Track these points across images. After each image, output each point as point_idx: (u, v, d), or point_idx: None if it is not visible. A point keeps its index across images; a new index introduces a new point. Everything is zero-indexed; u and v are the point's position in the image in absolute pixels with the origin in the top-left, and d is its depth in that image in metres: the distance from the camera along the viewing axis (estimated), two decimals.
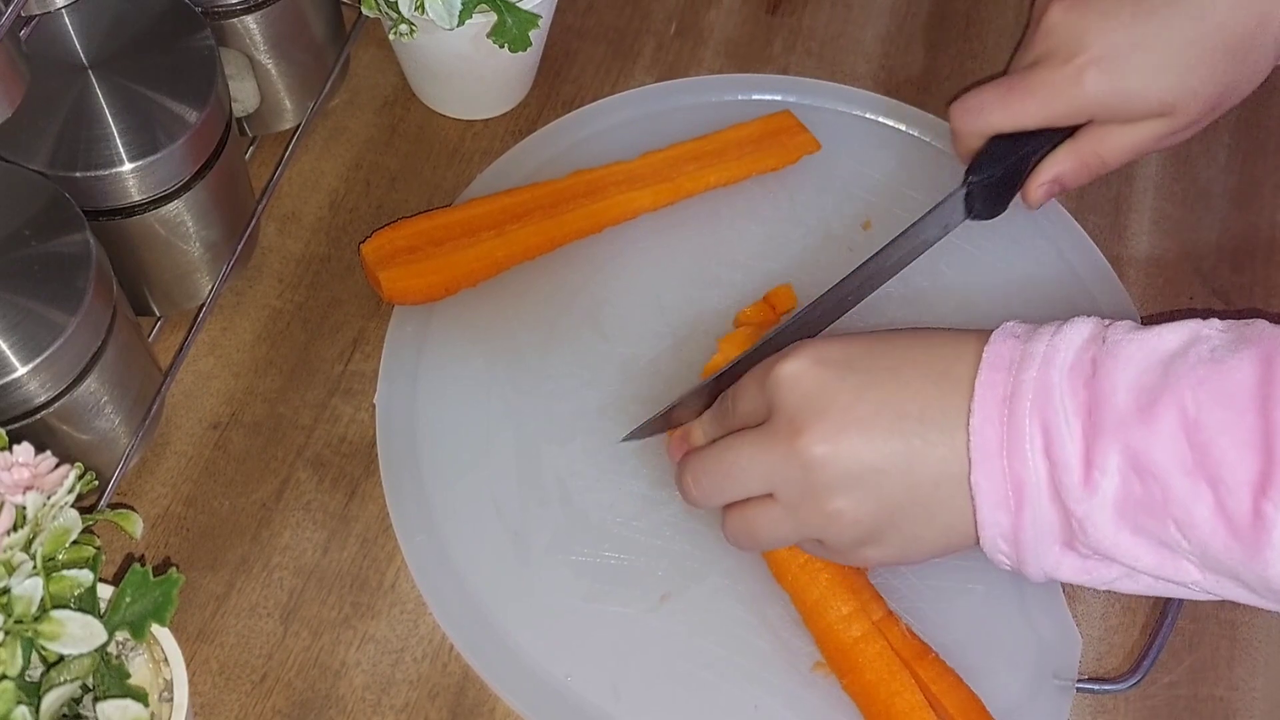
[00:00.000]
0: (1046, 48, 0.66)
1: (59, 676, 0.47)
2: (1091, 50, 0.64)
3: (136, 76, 0.62)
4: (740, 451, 0.57)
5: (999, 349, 0.54)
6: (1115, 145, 0.67)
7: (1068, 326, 0.54)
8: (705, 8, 0.85)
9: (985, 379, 0.53)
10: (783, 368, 0.57)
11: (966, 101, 0.68)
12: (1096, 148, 0.67)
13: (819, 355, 0.57)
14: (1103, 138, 0.66)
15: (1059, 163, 0.68)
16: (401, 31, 0.71)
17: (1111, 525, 0.51)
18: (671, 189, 0.74)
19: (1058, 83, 0.65)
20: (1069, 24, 0.65)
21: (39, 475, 0.48)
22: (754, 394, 0.58)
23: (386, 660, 0.63)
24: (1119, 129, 0.66)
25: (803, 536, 0.58)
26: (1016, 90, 0.66)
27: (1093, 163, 0.67)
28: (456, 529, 0.65)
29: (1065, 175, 0.68)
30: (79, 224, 0.58)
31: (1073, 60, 0.64)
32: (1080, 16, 0.65)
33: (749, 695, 0.62)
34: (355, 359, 0.71)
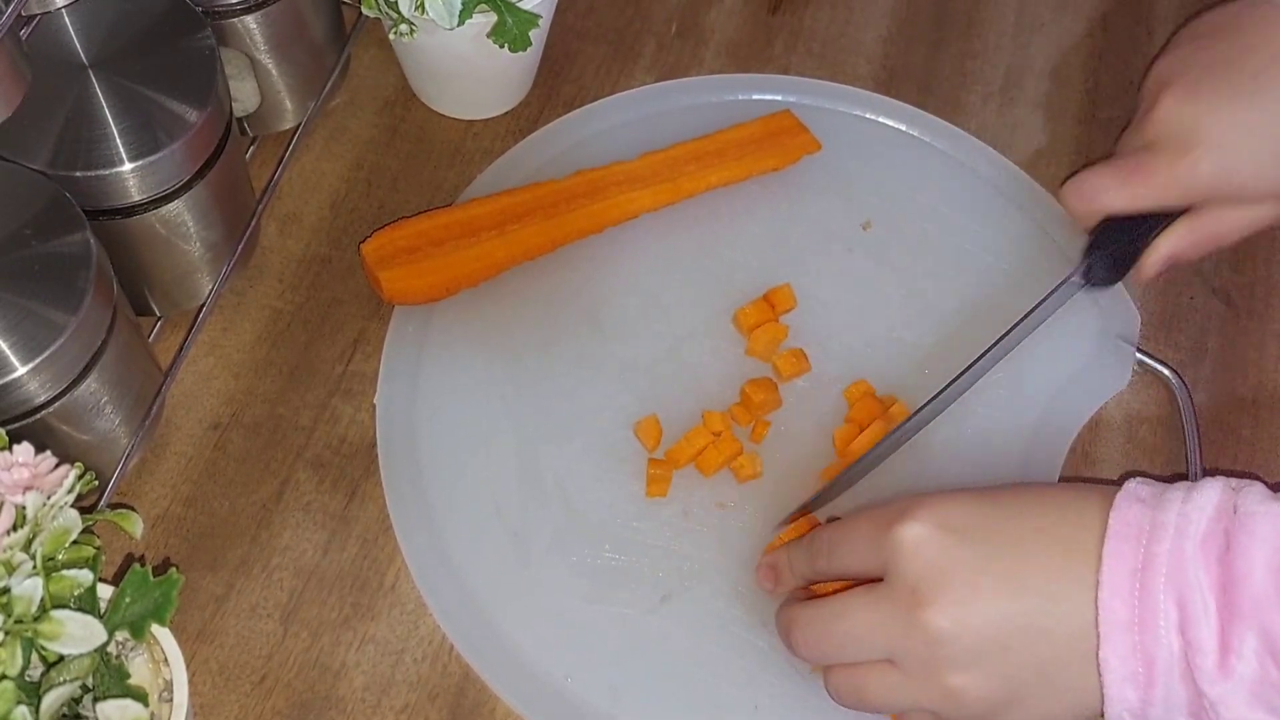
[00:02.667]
0: (1159, 135, 0.66)
1: (59, 676, 0.47)
2: (1205, 141, 0.65)
3: (137, 76, 0.62)
4: (858, 618, 0.55)
5: (1125, 516, 0.52)
6: (1232, 225, 0.67)
7: (1197, 493, 0.52)
8: (706, 8, 0.84)
9: (1113, 549, 0.51)
10: (903, 531, 0.54)
11: (1081, 185, 0.68)
12: (1214, 227, 0.67)
13: (940, 520, 0.54)
14: (1220, 217, 0.67)
15: (1176, 240, 0.68)
16: (402, 31, 0.71)
17: (1245, 707, 0.49)
18: (672, 189, 0.74)
19: (1174, 171, 0.65)
20: (1182, 114, 0.65)
21: (39, 475, 0.48)
22: (865, 549, 0.56)
23: (386, 661, 0.63)
24: (1235, 209, 0.67)
25: (918, 707, 0.55)
26: (1134, 176, 0.66)
27: (1208, 242, 0.68)
28: (456, 529, 0.65)
29: (1181, 254, 0.68)
30: (79, 224, 0.58)
31: (1188, 151, 0.65)
32: (1193, 107, 0.65)
33: (749, 695, 0.62)
34: (355, 359, 0.71)
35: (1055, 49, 0.84)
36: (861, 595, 0.55)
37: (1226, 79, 0.65)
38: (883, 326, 0.72)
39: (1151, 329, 0.73)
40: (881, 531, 0.55)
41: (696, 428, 0.67)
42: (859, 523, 0.57)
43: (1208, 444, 0.69)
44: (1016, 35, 0.84)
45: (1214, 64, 0.66)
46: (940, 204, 0.76)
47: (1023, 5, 0.85)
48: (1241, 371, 0.72)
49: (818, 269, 0.73)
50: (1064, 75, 0.82)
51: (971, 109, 0.81)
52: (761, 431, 0.68)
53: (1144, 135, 0.67)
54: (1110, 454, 0.69)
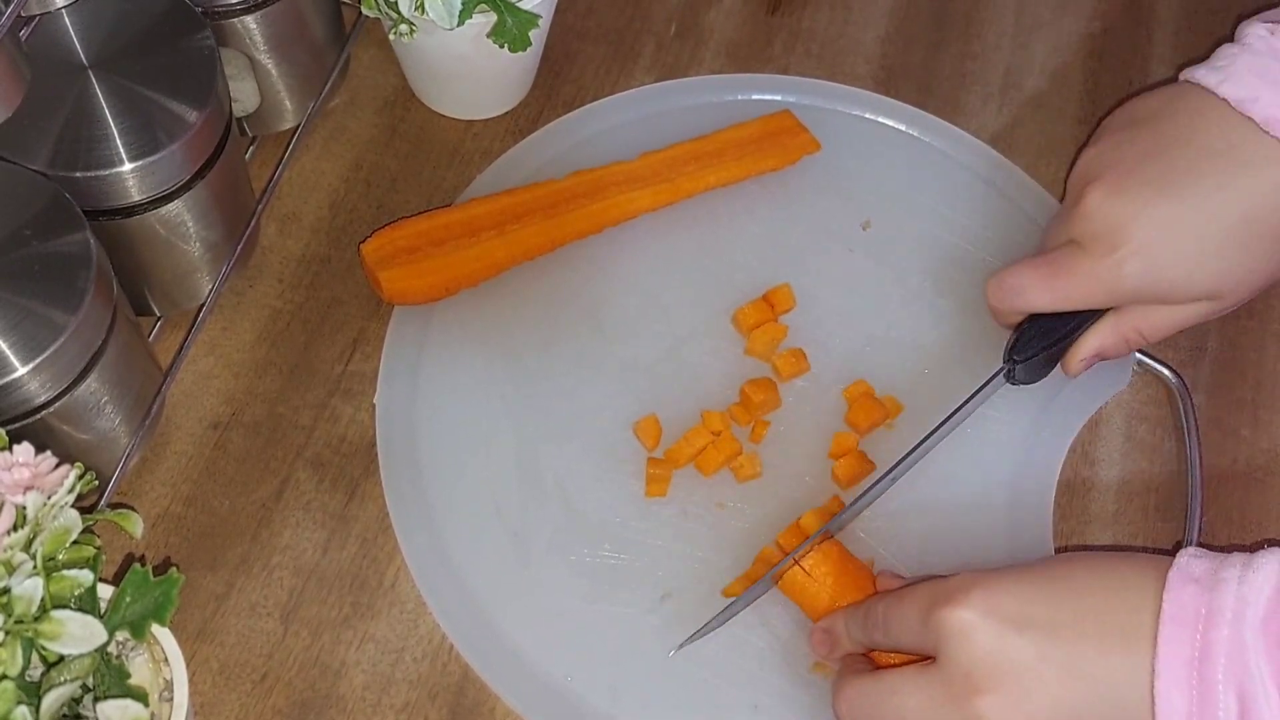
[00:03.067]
0: (1085, 231, 0.63)
1: (59, 676, 0.47)
2: (1133, 242, 0.62)
3: (136, 76, 0.62)
4: (910, 699, 0.54)
5: (1179, 599, 0.50)
6: (1158, 324, 0.65)
7: (1253, 572, 0.50)
8: (705, 8, 0.84)
9: (1168, 635, 0.50)
10: (951, 616, 0.53)
11: (1005, 281, 0.66)
12: (1139, 324, 0.65)
13: (991, 606, 0.53)
14: (1146, 315, 0.65)
15: (1100, 337, 0.66)
16: (401, 32, 0.71)
17: None
18: (671, 189, 0.74)
19: (1100, 272, 0.63)
20: (1108, 212, 0.62)
21: (39, 475, 0.48)
22: (914, 627, 0.55)
23: (386, 660, 0.63)
24: (1163, 309, 0.65)
25: None
26: (1059, 274, 0.64)
27: (1134, 339, 0.66)
28: (456, 529, 0.65)
29: (1106, 350, 0.66)
30: (79, 224, 0.58)
31: (1114, 251, 0.62)
32: (1120, 204, 0.62)
33: (748, 695, 0.62)
34: (355, 359, 0.71)
35: (1055, 49, 0.84)
36: (915, 676, 0.54)
37: (1154, 174, 0.62)
38: (882, 326, 0.72)
39: None
40: (931, 614, 0.54)
41: (696, 427, 0.67)
42: (911, 600, 0.55)
43: (1208, 444, 0.69)
44: (1016, 35, 0.84)
45: (1142, 157, 0.63)
46: (940, 204, 0.76)
47: (1023, 5, 0.85)
48: (1241, 371, 0.72)
49: (817, 269, 0.73)
50: (1064, 75, 0.83)
51: (971, 109, 0.81)
52: (761, 431, 0.68)
53: (1070, 230, 0.64)
54: (1110, 454, 0.69)
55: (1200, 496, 0.67)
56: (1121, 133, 0.65)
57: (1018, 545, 0.66)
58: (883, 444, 0.68)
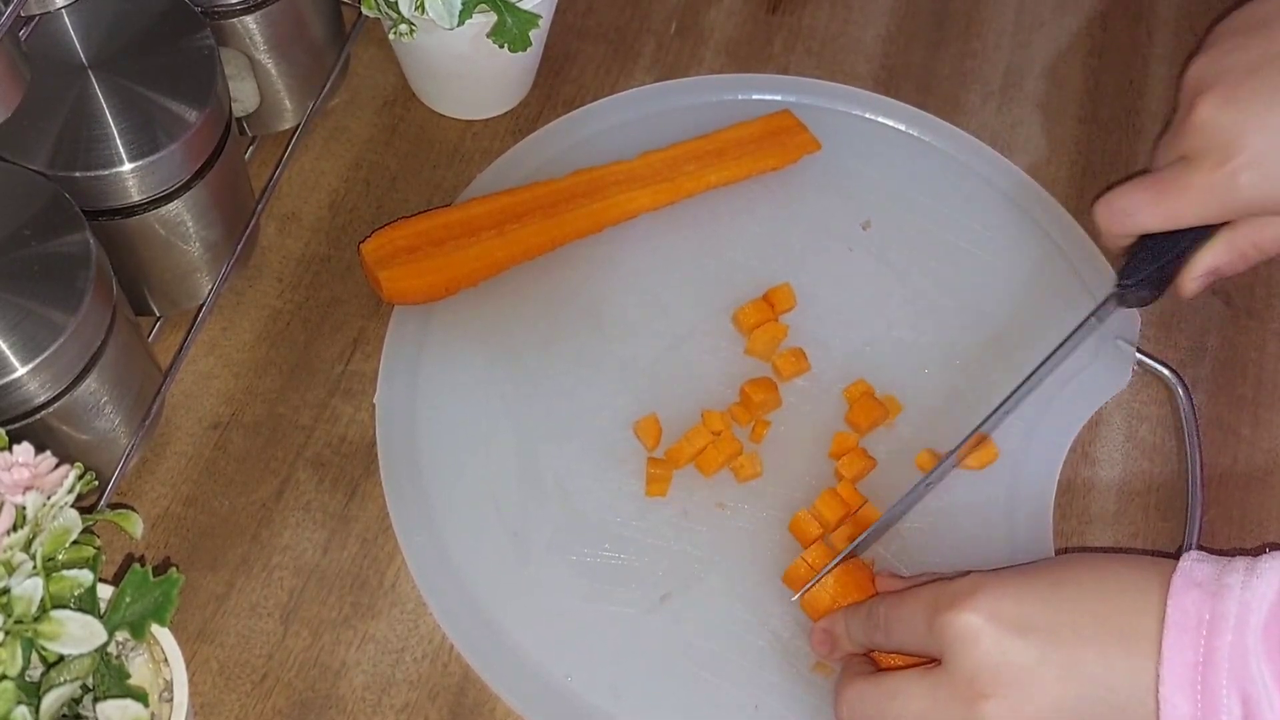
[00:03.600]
0: (1197, 144, 0.63)
1: (59, 676, 0.47)
2: (1246, 152, 0.61)
3: (136, 76, 0.62)
4: (913, 703, 0.54)
5: (1183, 604, 0.50)
6: (1275, 236, 0.64)
7: (1257, 579, 0.50)
8: (705, 8, 0.84)
9: (1173, 642, 0.50)
10: (955, 620, 0.53)
11: (1113, 203, 0.65)
12: (1255, 238, 0.64)
13: (994, 610, 0.53)
14: (1261, 228, 0.64)
15: (1216, 255, 0.65)
16: (401, 31, 0.71)
17: None
18: (671, 189, 0.74)
19: (1212, 186, 0.62)
20: (1221, 122, 0.62)
21: (39, 475, 0.48)
22: (918, 629, 0.55)
23: (386, 660, 0.63)
24: (1277, 221, 0.64)
25: None
26: (1169, 192, 0.63)
27: (1251, 254, 0.65)
28: (456, 529, 0.65)
29: (1223, 267, 0.66)
30: (79, 224, 0.58)
31: (1228, 163, 0.61)
32: (1233, 114, 0.62)
33: (749, 695, 0.62)
34: (355, 359, 0.71)
35: (1055, 49, 0.84)
36: (918, 679, 0.54)
37: (1267, 84, 0.61)
38: (882, 326, 0.72)
39: (1151, 329, 0.73)
40: (935, 617, 0.54)
41: (696, 427, 0.67)
42: (914, 603, 0.55)
43: (1208, 444, 0.69)
44: (1016, 35, 0.84)
45: (1254, 66, 0.62)
46: (940, 204, 0.76)
47: (1023, 5, 0.85)
48: (1241, 371, 0.72)
49: (818, 269, 0.73)
50: (1064, 75, 0.82)
51: (971, 109, 0.81)
52: (761, 431, 0.68)
53: (1180, 145, 0.64)
54: (1110, 454, 0.69)
55: (1200, 496, 0.67)
56: (1231, 39, 0.64)
57: (1017, 544, 0.66)
58: (882, 443, 0.68)
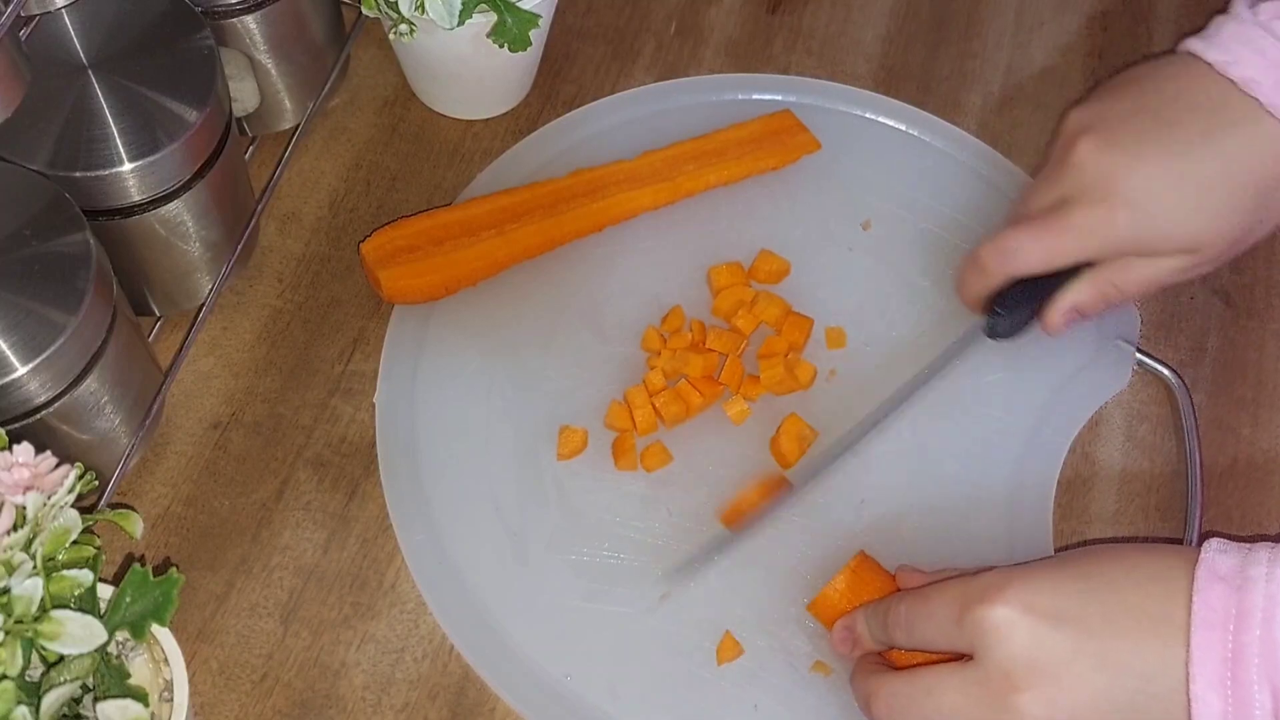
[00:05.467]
0: (1075, 186, 0.64)
1: (59, 676, 0.47)
2: (1124, 192, 0.63)
3: (136, 76, 0.62)
4: (947, 698, 0.54)
5: (1209, 599, 0.51)
6: (1136, 278, 0.66)
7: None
8: (705, 7, 0.84)
9: (1201, 639, 0.51)
10: (989, 614, 0.53)
11: (1000, 244, 0.66)
12: (1115, 279, 0.66)
13: (1027, 602, 0.53)
14: (1123, 270, 0.66)
15: (1079, 293, 0.67)
16: (401, 31, 0.71)
17: None
18: (671, 188, 0.74)
19: (1092, 225, 0.64)
20: (1099, 163, 0.64)
21: (39, 475, 0.48)
22: (949, 628, 0.55)
23: (386, 660, 0.63)
24: (1141, 262, 0.65)
25: None
26: (1051, 231, 0.65)
27: (1111, 294, 0.66)
28: (456, 529, 0.65)
29: (1084, 305, 0.67)
30: (79, 224, 0.58)
31: (1105, 201, 0.63)
32: (1111, 156, 0.64)
33: (749, 695, 0.62)
34: (355, 359, 0.71)
35: (1055, 49, 0.84)
36: (951, 674, 0.54)
37: (1143, 128, 0.64)
38: (882, 325, 0.72)
39: (1151, 329, 0.73)
40: (966, 612, 0.54)
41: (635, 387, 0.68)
42: (940, 599, 0.55)
43: (1208, 444, 0.69)
44: (1016, 35, 0.84)
45: (1132, 113, 0.65)
46: (940, 204, 0.76)
47: (1023, 5, 0.85)
48: (1241, 371, 0.72)
49: (817, 268, 0.73)
50: (1064, 75, 0.83)
51: (971, 109, 0.81)
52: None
53: (1059, 186, 0.65)
54: (1110, 454, 0.69)
55: (1200, 496, 0.67)
56: (1112, 93, 0.67)
57: (1017, 544, 0.66)
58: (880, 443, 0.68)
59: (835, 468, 0.67)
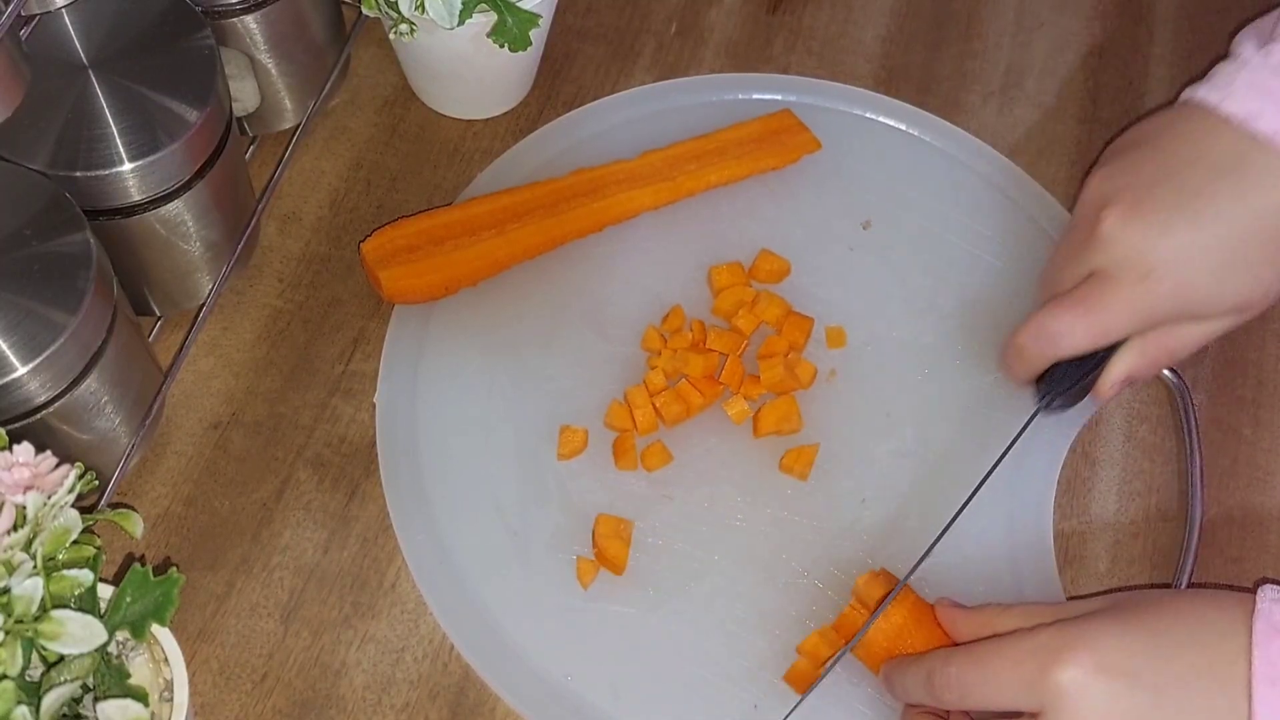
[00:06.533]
0: (1109, 260, 0.63)
1: (59, 676, 0.47)
2: (1162, 263, 0.61)
3: (136, 76, 0.62)
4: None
5: (1269, 655, 0.51)
6: (1185, 342, 0.65)
7: None
8: (705, 8, 0.84)
9: (1263, 695, 0.51)
10: (1065, 676, 0.52)
11: (1044, 327, 0.64)
12: (1166, 344, 0.65)
13: (1100, 661, 0.52)
14: (1173, 334, 0.65)
15: (1129, 362, 0.65)
16: (402, 31, 0.71)
17: None
18: (672, 188, 0.74)
19: (1136, 299, 0.62)
20: (1130, 236, 0.62)
21: (39, 475, 0.48)
22: (1015, 691, 0.54)
23: (387, 660, 0.63)
24: (1189, 326, 0.64)
25: None
26: (1095, 310, 0.63)
27: (1162, 359, 0.66)
28: (456, 529, 0.65)
29: (1136, 373, 0.66)
30: (79, 224, 0.58)
31: (1146, 275, 0.62)
32: (1141, 229, 0.62)
33: (749, 695, 0.62)
34: (355, 359, 0.71)
35: (1055, 48, 0.84)
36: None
37: (1169, 196, 0.62)
38: (882, 325, 0.72)
39: None
40: (1037, 675, 0.53)
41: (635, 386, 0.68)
42: (1000, 661, 0.55)
43: (1208, 444, 0.69)
44: (1016, 35, 0.84)
45: (1153, 180, 0.63)
46: (940, 204, 0.76)
47: (1023, 5, 0.85)
48: (1241, 371, 0.72)
49: (818, 268, 0.73)
50: (1064, 75, 0.83)
51: (971, 109, 0.81)
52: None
53: (1090, 260, 0.64)
54: (1110, 454, 0.69)
55: (1201, 496, 0.67)
56: (1128, 155, 0.65)
57: (1018, 545, 0.66)
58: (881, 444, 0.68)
59: (835, 468, 0.67)
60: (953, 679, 0.56)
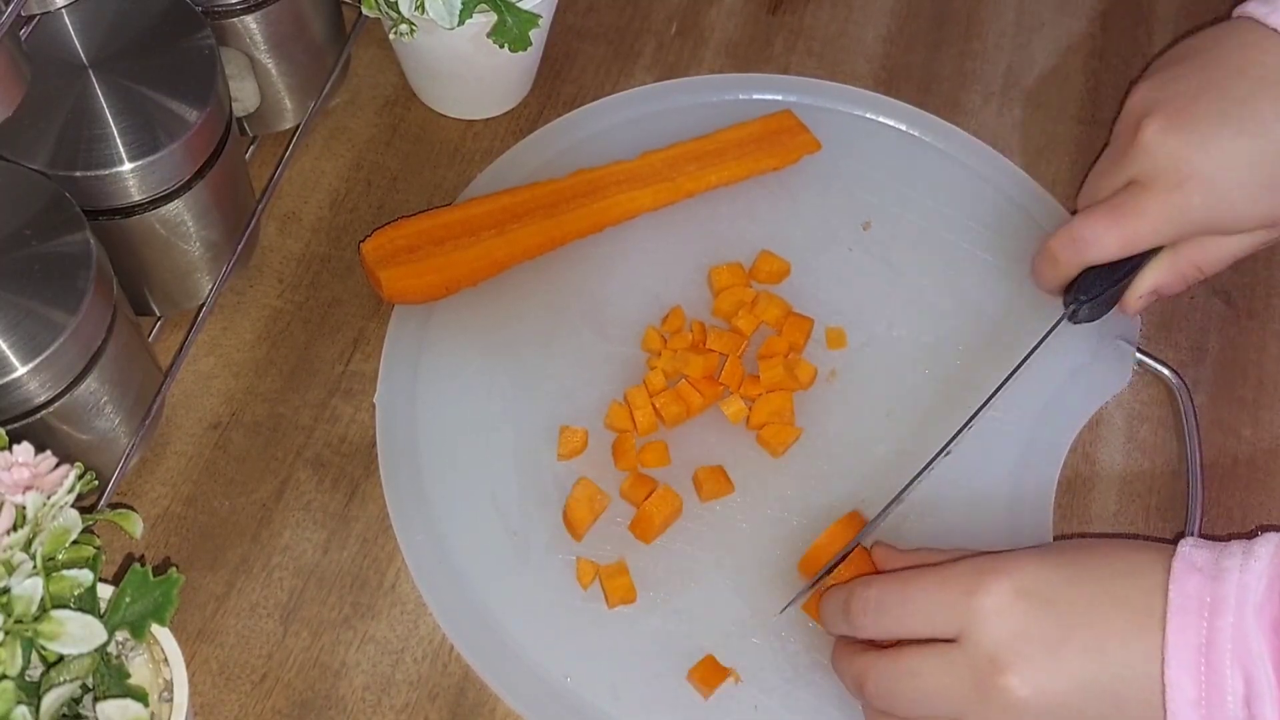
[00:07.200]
0: (1146, 168, 0.63)
1: (59, 676, 0.47)
2: (1198, 173, 0.62)
3: (136, 76, 0.62)
4: (933, 680, 0.55)
5: (1185, 588, 0.52)
6: (1215, 256, 0.65)
7: (1253, 560, 0.52)
8: (705, 8, 0.84)
9: (1177, 625, 0.52)
10: (985, 599, 0.54)
11: (1075, 232, 0.65)
12: (1195, 259, 0.65)
13: (1018, 585, 0.54)
14: (1202, 249, 0.65)
15: (1159, 275, 0.66)
16: (402, 31, 0.71)
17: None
18: (672, 189, 0.74)
19: (1168, 209, 0.63)
20: (1169, 145, 0.62)
21: (39, 475, 0.48)
22: (936, 613, 0.55)
23: (386, 660, 0.63)
24: (1219, 241, 0.65)
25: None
26: (1127, 217, 0.63)
27: (1191, 274, 0.66)
28: (456, 529, 0.65)
29: (1164, 286, 0.66)
30: (79, 224, 0.58)
31: (1181, 186, 0.62)
32: (1181, 137, 0.62)
33: (748, 695, 0.62)
34: (355, 359, 0.71)
35: (1055, 49, 0.84)
36: (936, 656, 0.55)
37: (1212, 107, 0.62)
38: (882, 326, 0.72)
39: (1151, 329, 0.73)
40: (958, 598, 0.54)
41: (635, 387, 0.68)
42: (921, 584, 0.56)
43: (1208, 444, 0.69)
44: (1016, 35, 0.84)
45: (1198, 90, 0.63)
46: (940, 204, 0.76)
47: (1023, 5, 0.85)
48: (1241, 371, 0.72)
49: (818, 269, 0.73)
50: (1064, 75, 0.83)
51: (971, 109, 0.81)
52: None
53: (1128, 169, 0.64)
54: (1110, 454, 0.69)
55: (1201, 496, 0.67)
56: (1173, 68, 0.65)
57: (1018, 544, 0.65)
58: (881, 442, 0.68)
59: (836, 469, 0.67)
60: (871, 601, 0.57)
